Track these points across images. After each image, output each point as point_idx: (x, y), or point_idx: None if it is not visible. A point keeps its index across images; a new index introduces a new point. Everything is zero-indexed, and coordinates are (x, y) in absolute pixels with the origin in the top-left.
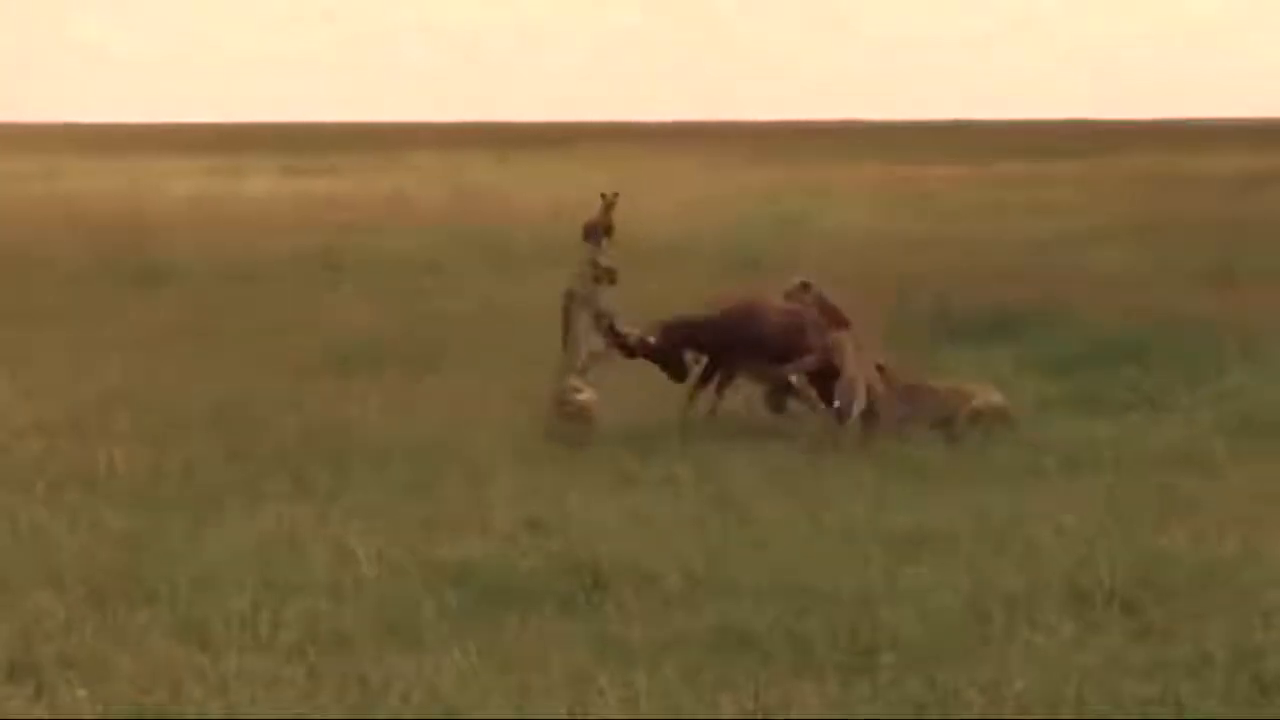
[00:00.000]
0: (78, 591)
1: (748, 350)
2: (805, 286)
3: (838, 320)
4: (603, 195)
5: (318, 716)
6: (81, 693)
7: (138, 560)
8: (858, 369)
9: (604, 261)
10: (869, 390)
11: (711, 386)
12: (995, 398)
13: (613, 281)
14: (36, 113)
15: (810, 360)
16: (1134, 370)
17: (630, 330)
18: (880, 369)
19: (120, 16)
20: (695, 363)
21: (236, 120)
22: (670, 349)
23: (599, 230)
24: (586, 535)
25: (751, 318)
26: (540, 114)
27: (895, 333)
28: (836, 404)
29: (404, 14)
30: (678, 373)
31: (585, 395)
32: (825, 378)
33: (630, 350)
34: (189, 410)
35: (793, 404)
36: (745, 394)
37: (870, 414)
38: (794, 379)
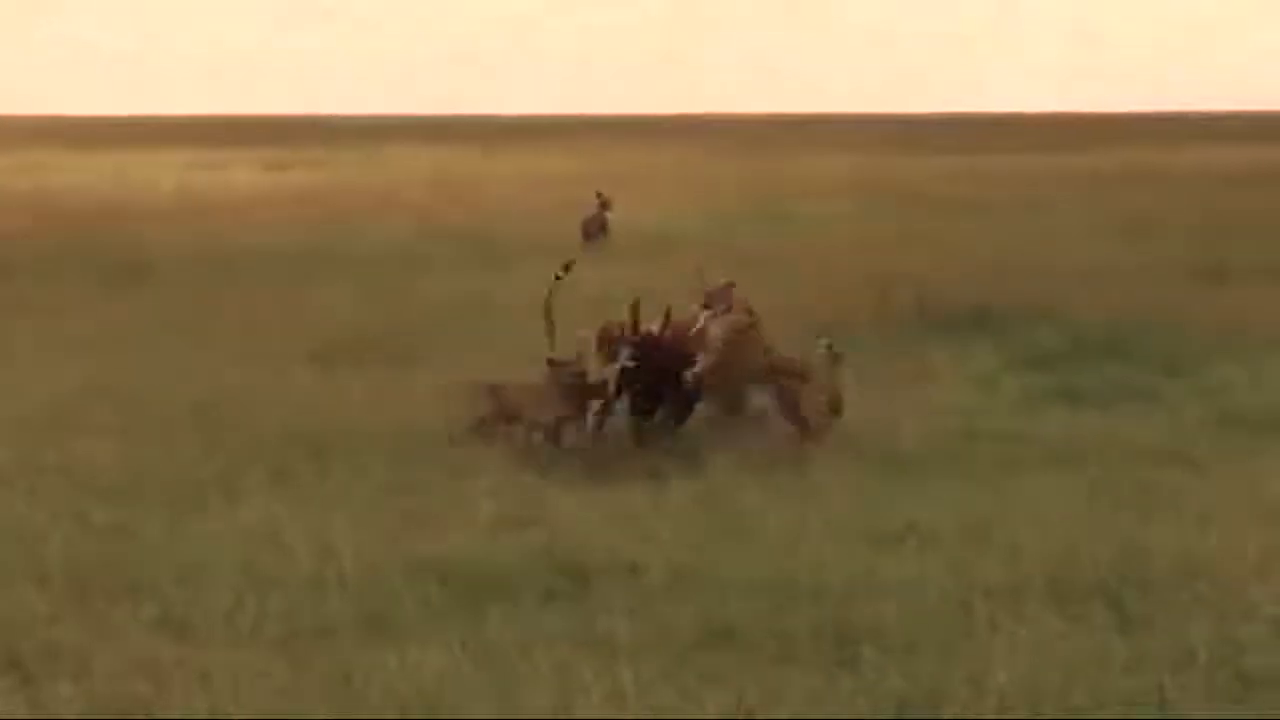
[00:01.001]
0: (60, 585)
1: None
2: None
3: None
4: (598, 194)
5: (301, 709)
6: (64, 686)
7: (120, 554)
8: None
9: None
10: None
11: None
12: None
13: None
14: (17, 105)
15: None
16: (1118, 365)
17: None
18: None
19: (102, 8)
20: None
21: (219, 112)
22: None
23: (595, 229)
24: (570, 529)
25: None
26: (524, 107)
27: (877, 327)
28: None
29: (389, 6)
30: None
31: None
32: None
33: None
34: (171, 404)
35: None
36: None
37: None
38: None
